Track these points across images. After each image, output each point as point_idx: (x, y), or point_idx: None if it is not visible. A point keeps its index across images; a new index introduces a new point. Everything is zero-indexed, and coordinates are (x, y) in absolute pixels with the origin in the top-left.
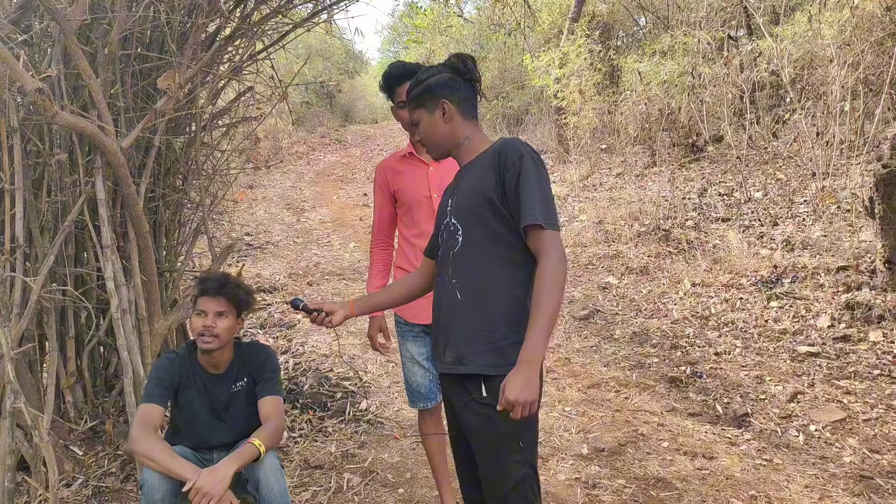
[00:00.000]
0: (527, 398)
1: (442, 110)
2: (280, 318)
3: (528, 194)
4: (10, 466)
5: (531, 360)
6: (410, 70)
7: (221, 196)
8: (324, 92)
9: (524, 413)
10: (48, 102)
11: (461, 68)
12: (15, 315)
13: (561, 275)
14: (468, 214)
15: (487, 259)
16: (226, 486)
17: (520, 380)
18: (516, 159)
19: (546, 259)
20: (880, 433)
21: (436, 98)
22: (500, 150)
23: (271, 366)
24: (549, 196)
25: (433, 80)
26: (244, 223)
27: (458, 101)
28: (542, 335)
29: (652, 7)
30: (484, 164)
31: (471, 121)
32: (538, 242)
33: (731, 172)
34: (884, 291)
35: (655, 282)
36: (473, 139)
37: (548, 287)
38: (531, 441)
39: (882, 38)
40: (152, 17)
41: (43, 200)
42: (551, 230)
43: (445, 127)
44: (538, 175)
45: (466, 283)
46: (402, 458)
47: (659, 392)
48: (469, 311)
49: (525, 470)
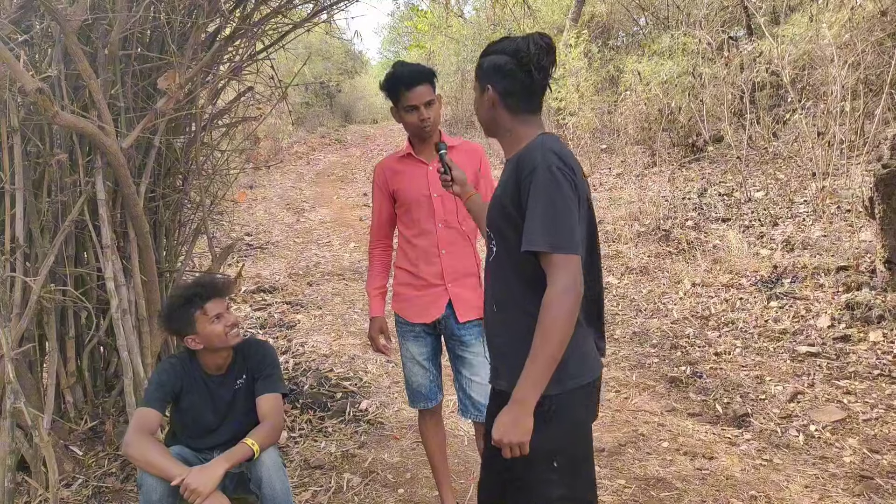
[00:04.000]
0: (512, 439)
1: (487, 95)
2: (280, 318)
3: (531, 215)
4: (10, 466)
5: (521, 400)
6: (419, 71)
7: (221, 196)
8: (324, 92)
9: (514, 454)
10: (48, 102)
11: (521, 56)
12: (15, 315)
13: (566, 306)
14: (494, 225)
15: (513, 274)
16: (215, 483)
17: (507, 420)
18: (529, 171)
19: (551, 287)
20: (880, 433)
21: (484, 80)
22: (520, 159)
23: (270, 361)
24: (560, 214)
25: (489, 59)
26: (244, 223)
27: (504, 91)
28: (537, 374)
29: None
30: (510, 170)
31: (516, 115)
32: (546, 268)
33: (731, 172)
34: (884, 291)
35: (655, 282)
36: (515, 133)
37: (548, 320)
38: (567, 463)
39: (882, 38)
40: (152, 17)
41: (43, 200)
42: (559, 254)
43: (488, 112)
44: (550, 190)
45: (497, 296)
46: (402, 458)
47: (659, 392)
48: (498, 324)
49: (560, 492)
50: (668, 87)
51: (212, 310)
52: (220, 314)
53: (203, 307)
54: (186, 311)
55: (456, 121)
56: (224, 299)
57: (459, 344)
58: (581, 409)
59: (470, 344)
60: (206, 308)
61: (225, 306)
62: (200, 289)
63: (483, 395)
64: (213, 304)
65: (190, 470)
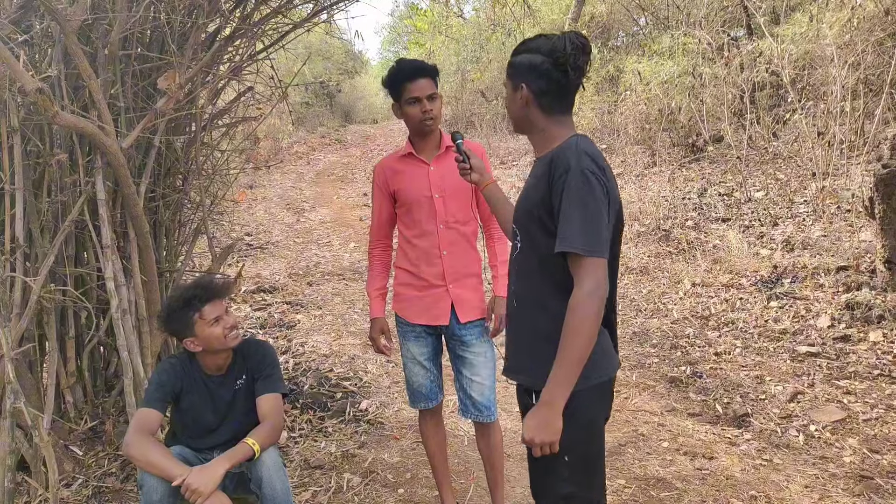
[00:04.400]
0: (543, 439)
1: (520, 93)
2: (280, 318)
3: (567, 216)
4: (10, 466)
5: (550, 401)
6: (422, 65)
7: (221, 196)
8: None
9: (543, 452)
10: (48, 102)
11: (559, 55)
12: (15, 315)
13: (592, 308)
14: (520, 222)
15: (537, 272)
16: (216, 483)
17: (537, 421)
18: (563, 172)
19: (578, 289)
20: (880, 433)
21: (519, 78)
22: (553, 158)
23: (270, 361)
24: (593, 218)
25: (524, 58)
26: (244, 223)
27: (538, 91)
28: (565, 375)
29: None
30: (541, 169)
31: (550, 115)
32: (574, 269)
33: (731, 172)
34: (884, 291)
35: (655, 282)
36: (547, 132)
37: (575, 322)
38: (579, 461)
39: (882, 38)
40: (152, 17)
41: (43, 200)
42: (590, 257)
43: (520, 110)
44: (583, 193)
45: (519, 293)
46: (402, 458)
47: (659, 392)
48: (520, 321)
49: (570, 489)
50: (668, 87)
51: (210, 312)
52: (219, 317)
53: (201, 310)
54: (185, 313)
55: (456, 120)
56: (223, 301)
57: (460, 344)
58: (596, 407)
59: (470, 344)
60: (204, 311)
61: (224, 308)
62: (199, 291)
63: (483, 396)
64: (212, 306)
65: (191, 470)
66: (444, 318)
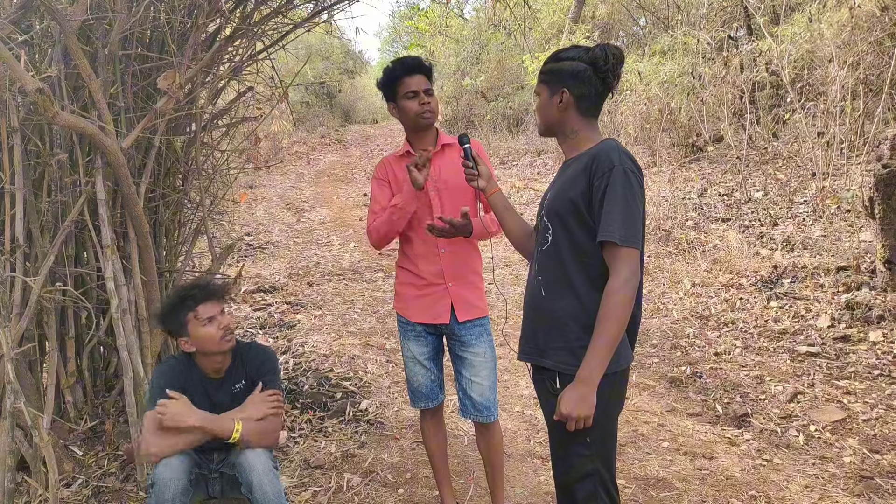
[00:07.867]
0: (580, 413)
1: (560, 97)
2: (280, 318)
3: (610, 209)
4: (10, 466)
5: (587, 378)
6: (418, 61)
7: (221, 196)
8: (324, 92)
9: (578, 426)
10: (48, 102)
11: (601, 64)
12: (15, 315)
13: (627, 294)
14: (556, 216)
15: (570, 262)
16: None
17: (574, 396)
18: (607, 170)
19: (615, 277)
20: (880, 433)
21: (559, 84)
22: (595, 156)
23: (270, 367)
24: (632, 212)
25: (565, 65)
26: (244, 223)
27: (580, 95)
28: (601, 354)
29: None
30: (579, 167)
31: (586, 118)
32: (611, 258)
33: (731, 172)
34: (884, 291)
35: (655, 282)
36: (581, 134)
37: (611, 306)
38: (600, 439)
39: (882, 38)
40: (152, 17)
41: (43, 200)
42: (627, 248)
43: (557, 115)
44: (626, 189)
45: (549, 282)
46: (402, 458)
47: (659, 392)
48: (549, 308)
49: (593, 465)
50: (668, 87)
51: (204, 313)
52: (213, 317)
53: (195, 310)
54: (179, 312)
55: (456, 120)
56: (219, 302)
57: (460, 344)
58: (616, 392)
59: (470, 344)
60: (198, 311)
61: (219, 309)
62: (195, 290)
63: (483, 396)
64: (206, 306)
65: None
66: (445, 316)
